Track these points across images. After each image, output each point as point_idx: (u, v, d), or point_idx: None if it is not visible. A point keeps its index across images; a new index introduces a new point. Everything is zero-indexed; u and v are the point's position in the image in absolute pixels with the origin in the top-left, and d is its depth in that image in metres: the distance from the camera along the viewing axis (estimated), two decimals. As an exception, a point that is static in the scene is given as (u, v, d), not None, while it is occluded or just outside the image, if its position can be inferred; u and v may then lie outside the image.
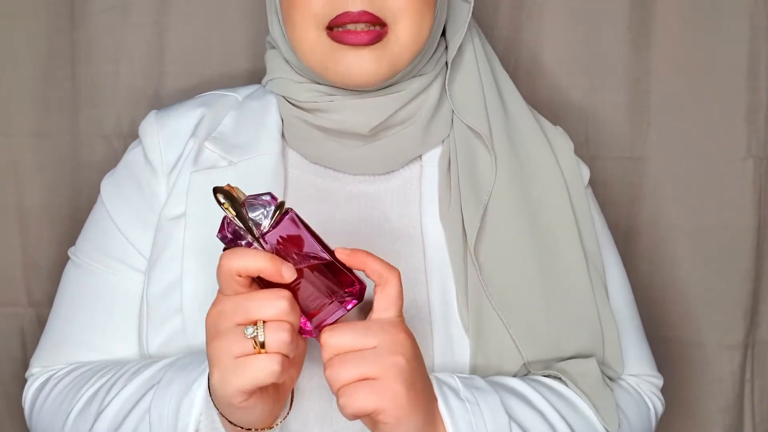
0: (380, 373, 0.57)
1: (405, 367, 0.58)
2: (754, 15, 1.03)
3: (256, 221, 0.57)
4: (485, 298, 0.72)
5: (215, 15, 1.03)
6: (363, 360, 0.58)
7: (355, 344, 0.58)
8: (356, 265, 0.59)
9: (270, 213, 0.57)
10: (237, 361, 0.56)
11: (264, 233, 0.57)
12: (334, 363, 0.58)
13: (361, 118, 0.73)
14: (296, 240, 0.58)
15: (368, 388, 0.57)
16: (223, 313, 0.57)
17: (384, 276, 0.60)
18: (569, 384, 0.72)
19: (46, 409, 0.75)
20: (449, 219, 0.74)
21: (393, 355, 0.58)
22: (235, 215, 0.56)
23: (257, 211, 0.57)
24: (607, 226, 0.85)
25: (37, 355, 0.80)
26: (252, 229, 0.57)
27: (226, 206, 0.56)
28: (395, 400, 0.58)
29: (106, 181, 0.81)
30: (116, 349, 0.76)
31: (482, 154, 0.76)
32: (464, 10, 0.77)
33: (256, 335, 0.55)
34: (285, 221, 0.57)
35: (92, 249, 0.78)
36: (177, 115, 0.79)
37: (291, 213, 0.58)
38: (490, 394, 0.66)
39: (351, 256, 0.59)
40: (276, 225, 0.57)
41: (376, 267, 0.59)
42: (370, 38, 0.68)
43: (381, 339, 0.58)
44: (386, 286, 0.60)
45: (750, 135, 1.04)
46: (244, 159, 0.75)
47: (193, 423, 0.62)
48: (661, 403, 0.82)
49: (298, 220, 0.58)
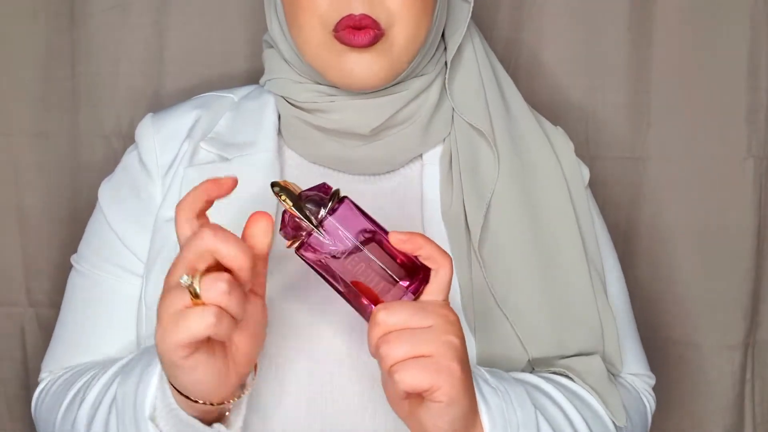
0: (436, 351, 0.56)
1: (459, 347, 0.58)
2: (754, 15, 1.03)
3: (313, 211, 0.58)
4: (490, 296, 0.73)
5: (215, 15, 1.03)
6: (419, 338, 0.56)
7: (411, 322, 0.57)
8: (411, 250, 0.58)
9: (326, 201, 0.58)
10: (174, 314, 0.53)
11: (321, 221, 0.58)
12: (390, 339, 0.56)
13: (362, 119, 0.73)
14: (355, 226, 0.59)
15: (425, 365, 0.56)
16: (169, 273, 0.55)
17: (438, 261, 0.59)
18: (577, 380, 0.73)
19: (44, 409, 0.76)
20: (452, 217, 0.74)
21: (447, 335, 0.57)
22: (292, 205, 0.57)
23: (313, 201, 0.58)
24: (606, 228, 0.86)
25: (45, 362, 0.81)
26: (310, 218, 0.58)
27: (283, 198, 0.58)
28: (451, 378, 0.56)
29: (103, 186, 0.81)
30: (119, 354, 0.76)
31: (484, 152, 0.77)
32: (464, 10, 0.77)
33: (191, 284, 0.52)
34: (342, 209, 0.58)
35: (92, 255, 0.79)
36: (173, 117, 0.79)
37: (347, 200, 0.59)
38: (515, 384, 0.66)
39: (406, 241, 0.58)
40: (333, 212, 0.58)
41: (430, 252, 0.59)
42: (369, 39, 0.68)
43: (435, 319, 0.57)
44: (439, 271, 0.59)
45: (750, 135, 1.04)
46: (239, 156, 0.75)
47: (150, 399, 0.60)
48: (654, 401, 0.82)
49: (354, 206, 0.59)
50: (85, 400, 0.69)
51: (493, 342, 0.72)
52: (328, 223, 0.58)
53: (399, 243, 0.58)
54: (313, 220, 0.58)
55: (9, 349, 1.07)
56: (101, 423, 0.66)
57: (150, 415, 0.60)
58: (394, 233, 0.58)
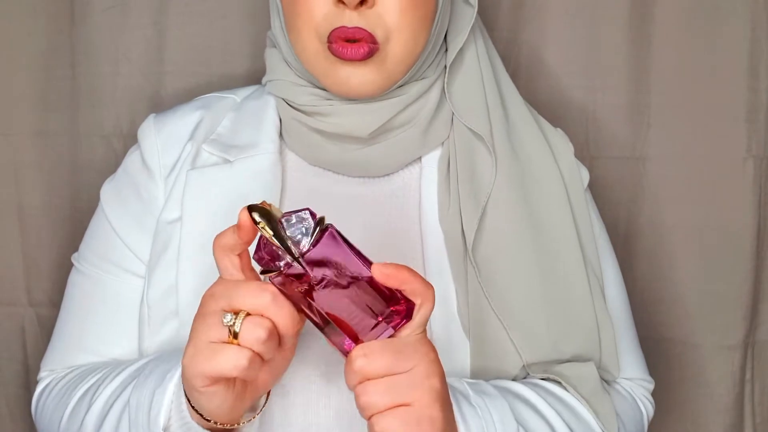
0: (417, 399, 0.56)
1: (440, 389, 0.57)
2: (754, 15, 1.03)
3: (295, 240, 0.54)
4: (485, 300, 0.72)
5: (215, 15, 1.03)
6: (398, 387, 0.55)
7: (391, 370, 0.55)
8: (395, 285, 0.55)
9: (309, 230, 0.54)
10: (210, 344, 0.55)
11: (303, 253, 0.54)
12: (368, 390, 0.55)
13: (361, 122, 0.73)
14: (337, 257, 0.54)
15: (406, 416, 0.55)
16: (212, 296, 0.57)
17: (422, 296, 0.56)
18: (569, 389, 0.72)
19: (47, 409, 0.76)
20: (448, 221, 0.74)
21: (428, 379, 0.56)
22: (272, 235, 0.53)
23: (295, 229, 0.54)
24: (606, 230, 0.85)
25: (44, 360, 0.81)
26: (291, 248, 0.54)
27: (263, 225, 0.54)
28: (432, 426, 0.56)
29: (105, 186, 0.81)
30: (118, 354, 0.76)
31: (482, 156, 0.76)
32: (467, 13, 0.76)
33: (233, 324, 0.54)
34: (325, 238, 0.54)
35: (93, 255, 0.79)
36: (175, 118, 0.79)
37: (331, 229, 0.55)
38: (498, 399, 0.66)
39: (390, 276, 0.54)
40: (316, 243, 0.54)
41: (414, 287, 0.55)
42: (363, 53, 0.68)
43: (415, 361, 0.56)
44: (422, 307, 0.56)
45: (750, 135, 1.04)
46: (241, 158, 0.75)
47: (165, 410, 0.61)
48: (652, 407, 0.82)
49: (339, 235, 0.55)
50: (94, 403, 0.69)
51: (488, 347, 0.72)
52: (310, 255, 0.54)
53: (383, 278, 0.55)
54: (294, 251, 0.54)
55: (9, 349, 1.07)
56: (111, 427, 0.66)
57: (164, 425, 0.61)
58: (377, 266, 0.55)
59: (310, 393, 0.69)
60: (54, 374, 0.79)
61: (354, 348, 0.56)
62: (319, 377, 0.69)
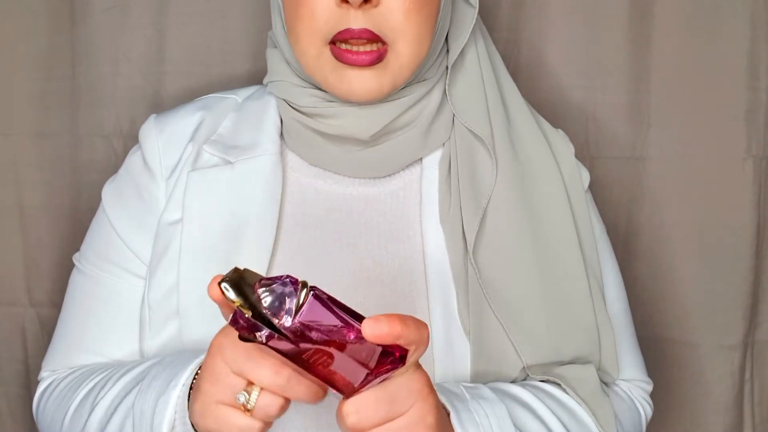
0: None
1: (434, 424, 0.56)
2: (754, 15, 1.02)
3: (275, 310, 0.50)
4: (485, 302, 0.72)
5: (215, 15, 1.03)
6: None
7: (387, 419, 0.54)
8: (389, 342, 0.51)
9: (293, 301, 0.50)
10: (220, 407, 0.56)
11: (286, 327, 0.50)
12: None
13: (362, 125, 0.73)
14: (322, 322, 0.50)
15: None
16: (222, 356, 0.55)
17: (416, 343, 0.52)
18: (568, 391, 0.72)
19: (48, 409, 0.76)
20: (449, 222, 0.74)
21: (425, 419, 0.55)
22: (250, 314, 0.49)
23: (276, 298, 0.50)
24: (606, 232, 0.85)
25: (45, 360, 0.81)
26: (273, 324, 0.50)
27: (238, 304, 0.50)
28: None
29: (107, 187, 0.81)
30: (118, 355, 0.76)
31: (483, 158, 0.76)
32: (468, 15, 0.76)
33: (247, 402, 0.55)
34: (308, 305, 0.50)
35: (94, 256, 0.79)
36: (176, 118, 0.79)
37: (315, 292, 0.51)
38: (496, 404, 0.66)
39: (383, 336, 0.50)
40: (298, 312, 0.50)
41: (409, 338, 0.51)
42: (371, 59, 0.68)
43: (410, 404, 0.55)
44: (416, 352, 0.53)
45: (750, 135, 1.04)
46: (241, 159, 0.75)
47: (167, 421, 0.61)
48: (650, 408, 0.82)
49: (323, 299, 0.51)
50: (97, 406, 0.69)
51: (488, 348, 0.72)
52: (293, 327, 0.50)
53: (377, 339, 0.50)
54: (275, 322, 0.50)
55: (9, 349, 1.07)
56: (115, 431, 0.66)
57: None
58: (368, 325, 0.50)
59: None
60: (55, 374, 0.79)
61: (345, 403, 0.54)
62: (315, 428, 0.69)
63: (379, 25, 0.67)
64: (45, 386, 0.79)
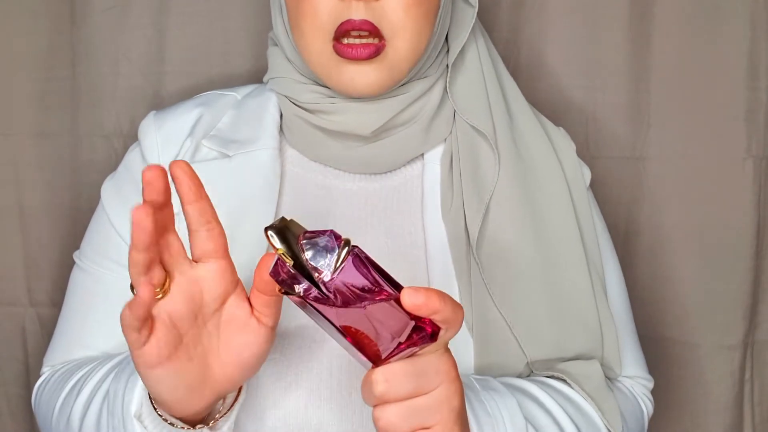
0: (437, 421, 0.55)
1: (459, 409, 0.56)
2: (754, 15, 1.02)
3: (318, 266, 0.50)
4: (488, 297, 0.72)
5: (215, 15, 1.03)
6: (420, 411, 0.54)
7: (413, 393, 0.54)
8: (426, 315, 0.51)
9: (333, 257, 0.50)
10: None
11: (326, 282, 0.50)
12: (388, 414, 0.54)
13: (363, 121, 0.73)
14: (362, 280, 0.51)
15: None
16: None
17: (450, 323, 0.52)
18: (574, 386, 0.73)
19: (43, 400, 0.77)
20: (451, 217, 0.74)
21: (449, 401, 0.55)
22: (293, 264, 0.50)
23: (317, 253, 0.50)
24: (607, 229, 0.86)
25: (46, 357, 0.81)
26: (313, 277, 0.50)
27: (282, 252, 0.50)
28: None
29: (106, 184, 0.81)
30: (118, 350, 0.76)
31: (485, 153, 0.76)
32: (468, 13, 0.77)
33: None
34: (349, 263, 0.50)
35: (94, 252, 0.79)
36: (175, 115, 0.80)
37: (356, 251, 0.51)
38: (506, 396, 0.66)
39: (422, 307, 0.50)
40: (339, 270, 0.50)
41: (446, 315, 0.51)
42: (369, 53, 0.68)
43: (437, 383, 0.55)
44: (449, 331, 0.53)
45: (750, 135, 1.04)
46: (240, 153, 0.75)
47: (137, 398, 0.60)
48: (652, 405, 0.83)
49: (364, 259, 0.51)
50: (80, 394, 0.69)
51: (492, 344, 0.72)
52: (332, 282, 0.50)
53: (414, 309, 0.50)
54: (316, 276, 0.50)
55: (9, 349, 1.07)
56: (94, 418, 0.66)
57: (136, 412, 0.60)
58: (407, 294, 0.50)
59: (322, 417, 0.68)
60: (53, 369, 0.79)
61: (375, 371, 0.53)
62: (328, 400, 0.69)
63: (379, 18, 0.68)
64: (42, 380, 0.79)
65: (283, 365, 0.69)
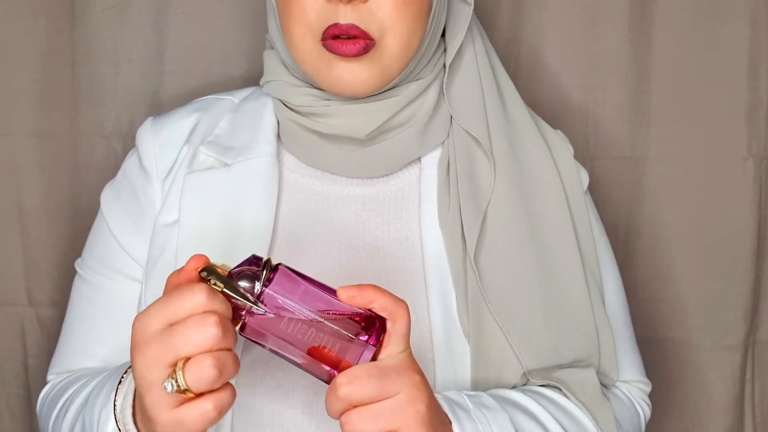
0: (403, 424, 0.56)
1: (426, 414, 0.57)
2: (754, 15, 1.03)
3: (248, 287, 0.55)
4: (484, 305, 0.72)
5: (214, 15, 1.03)
6: (384, 414, 0.55)
7: (376, 396, 0.55)
8: (363, 304, 0.56)
9: (259, 274, 0.55)
10: (173, 414, 0.53)
11: (258, 296, 0.55)
12: (353, 419, 0.55)
13: (358, 123, 0.73)
14: (295, 291, 0.56)
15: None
16: (150, 359, 0.53)
17: (393, 311, 0.56)
18: (569, 395, 0.72)
19: (43, 412, 0.77)
20: (448, 224, 0.74)
21: (413, 404, 0.56)
22: (223, 287, 0.54)
23: (246, 277, 0.55)
24: (606, 233, 0.85)
25: (51, 364, 0.81)
26: (245, 295, 0.55)
27: (213, 281, 0.54)
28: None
29: (105, 190, 0.81)
30: (116, 359, 0.76)
31: (481, 159, 0.76)
32: (465, 12, 0.76)
33: (178, 385, 0.52)
34: (278, 277, 0.55)
35: (94, 261, 0.79)
36: (172, 121, 0.79)
37: (281, 267, 0.56)
38: (498, 412, 0.66)
39: (357, 297, 0.56)
40: (268, 283, 0.55)
41: (384, 303, 0.56)
42: (358, 49, 0.68)
43: (400, 386, 0.56)
44: (396, 323, 0.57)
45: (750, 135, 1.04)
46: (238, 161, 0.75)
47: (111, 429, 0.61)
48: (649, 409, 0.83)
49: (291, 271, 0.56)
50: (68, 413, 0.70)
51: (489, 353, 0.71)
52: (267, 296, 0.55)
53: (350, 300, 0.56)
54: (249, 296, 0.55)
55: (9, 349, 1.07)
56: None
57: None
58: (342, 290, 0.56)
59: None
60: (58, 378, 0.79)
61: (338, 375, 0.55)
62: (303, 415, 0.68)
63: (367, 21, 0.68)
64: (46, 391, 0.79)
65: (280, 373, 0.69)
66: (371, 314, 0.56)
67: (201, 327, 0.52)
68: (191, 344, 0.52)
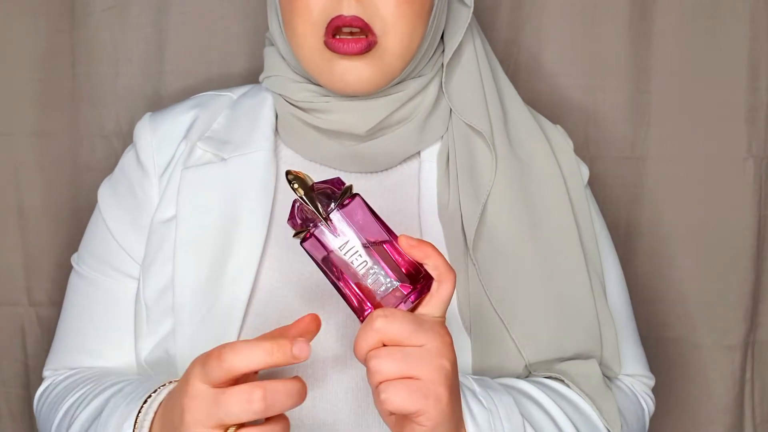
0: (427, 375, 0.56)
1: (450, 371, 0.57)
2: (754, 15, 1.03)
3: (324, 203, 0.58)
4: (485, 297, 0.72)
5: (214, 15, 1.03)
6: (411, 358, 0.55)
7: (406, 339, 0.56)
8: (419, 257, 0.58)
9: (337, 196, 0.58)
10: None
11: (330, 214, 0.58)
12: (381, 354, 0.55)
13: (357, 120, 0.73)
14: (363, 224, 0.58)
15: (413, 388, 0.55)
16: (198, 421, 0.54)
17: (443, 274, 0.58)
18: (572, 386, 0.72)
19: (43, 413, 0.77)
20: (448, 217, 0.74)
21: (440, 358, 0.56)
22: (303, 194, 0.58)
23: (325, 194, 0.58)
24: (607, 227, 0.85)
25: (48, 360, 0.81)
26: (319, 209, 0.58)
27: (296, 186, 0.58)
28: (438, 404, 0.56)
29: (102, 186, 0.81)
30: (115, 356, 0.76)
31: (482, 153, 0.76)
32: (464, 14, 0.76)
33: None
34: (352, 205, 0.58)
35: (91, 257, 0.79)
36: (170, 117, 0.80)
37: (358, 197, 0.59)
38: (503, 394, 0.66)
39: (415, 247, 0.58)
40: (343, 207, 0.58)
41: (437, 263, 0.58)
42: (360, 48, 0.68)
43: (430, 339, 0.56)
44: (441, 286, 0.58)
45: (750, 135, 1.04)
46: (235, 155, 0.75)
47: None
48: (653, 403, 0.82)
49: (365, 205, 0.59)
50: (75, 421, 0.69)
51: (489, 346, 0.71)
52: (336, 218, 0.58)
53: (408, 248, 0.58)
54: (322, 211, 0.58)
55: (9, 349, 1.07)
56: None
57: None
58: (403, 237, 0.58)
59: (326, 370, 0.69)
60: (55, 375, 0.79)
61: (376, 310, 0.57)
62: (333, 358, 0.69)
63: (371, 15, 0.68)
64: (44, 388, 0.79)
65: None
66: (421, 272, 0.58)
67: (245, 405, 0.53)
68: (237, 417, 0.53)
